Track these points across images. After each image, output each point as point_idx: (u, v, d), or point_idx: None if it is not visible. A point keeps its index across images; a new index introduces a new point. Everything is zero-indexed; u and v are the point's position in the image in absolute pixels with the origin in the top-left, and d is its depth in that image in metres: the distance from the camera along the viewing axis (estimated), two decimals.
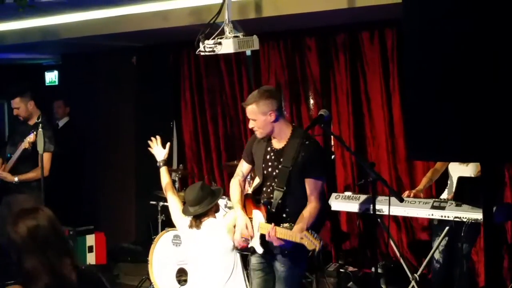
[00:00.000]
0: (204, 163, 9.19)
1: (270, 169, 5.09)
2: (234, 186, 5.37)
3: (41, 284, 3.23)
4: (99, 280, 3.84)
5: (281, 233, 4.75)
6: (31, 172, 7.12)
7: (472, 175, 6.12)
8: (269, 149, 5.09)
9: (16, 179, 7.07)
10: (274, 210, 4.96)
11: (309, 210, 4.83)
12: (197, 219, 5.59)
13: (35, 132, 6.41)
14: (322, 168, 4.94)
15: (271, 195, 5.03)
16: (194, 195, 5.61)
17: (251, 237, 5.08)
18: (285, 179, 4.94)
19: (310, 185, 4.86)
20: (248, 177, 6.43)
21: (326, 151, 5.31)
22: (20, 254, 3.28)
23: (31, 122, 7.38)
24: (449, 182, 6.45)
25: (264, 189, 5.16)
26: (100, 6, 7.25)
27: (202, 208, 5.53)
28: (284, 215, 4.97)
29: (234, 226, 5.29)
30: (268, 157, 5.08)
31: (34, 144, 7.08)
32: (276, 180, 5.02)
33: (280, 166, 4.99)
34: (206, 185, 5.83)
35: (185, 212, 5.72)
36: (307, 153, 4.84)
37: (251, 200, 5.24)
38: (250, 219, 5.11)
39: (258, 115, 4.91)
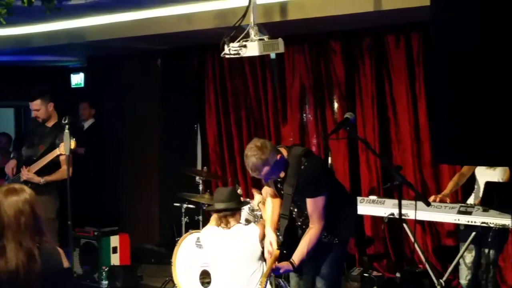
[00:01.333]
0: (228, 166, 9.19)
1: (282, 197, 5.11)
2: (269, 203, 5.42)
3: (10, 255, 3.67)
4: (57, 259, 4.07)
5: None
6: (55, 174, 7.12)
7: (500, 180, 6.06)
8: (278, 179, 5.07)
9: (42, 180, 7.07)
10: (281, 239, 5.01)
11: (309, 236, 4.82)
12: (224, 217, 5.75)
13: (66, 130, 6.35)
14: (318, 186, 4.84)
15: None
16: (224, 195, 5.81)
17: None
18: (288, 207, 4.97)
19: (309, 205, 4.82)
20: None
21: (325, 166, 5.29)
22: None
23: (49, 124, 7.37)
24: (475, 186, 6.40)
25: None
26: (126, 9, 7.27)
27: (229, 205, 5.73)
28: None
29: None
30: (278, 186, 5.09)
31: (53, 146, 7.09)
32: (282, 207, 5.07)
33: (284, 194, 5.00)
34: (236, 191, 6.02)
35: (211, 207, 5.91)
36: (303, 177, 4.80)
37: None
38: None
39: (267, 167, 4.80)
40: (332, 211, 4.82)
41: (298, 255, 4.78)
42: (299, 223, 4.98)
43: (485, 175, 6.21)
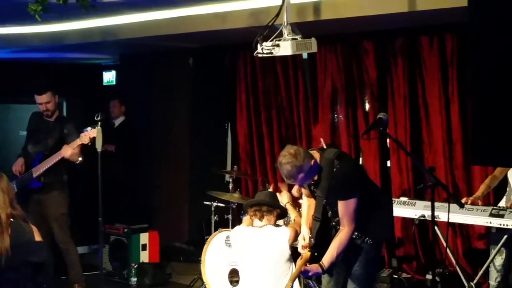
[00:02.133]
0: (258, 165, 9.22)
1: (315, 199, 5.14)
2: (305, 202, 5.45)
3: None
4: (28, 233, 4.93)
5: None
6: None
7: None
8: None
9: (80, 159, 7.07)
10: (313, 241, 5.00)
11: (338, 238, 4.83)
12: (259, 211, 5.87)
13: (95, 127, 6.40)
14: (350, 189, 4.83)
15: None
16: (265, 195, 6.08)
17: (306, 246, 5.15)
18: (320, 209, 4.98)
19: (340, 208, 4.82)
20: None
21: (357, 169, 5.27)
22: None
23: (52, 118, 7.38)
24: (507, 189, 6.37)
25: None
26: (160, 7, 7.32)
27: (268, 201, 5.91)
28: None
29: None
30: (312, 188, 5.10)
31: (62, 138, 7.15)
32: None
33: (317, 197, 5.01)
34: (276, 196, 6.17)
35: (250, 201, 6.07)
36: (335, 180, 4.80)
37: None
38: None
39: (302, 174, 4.81)
40: (366, 212, 4.82)
41: (328, 258, 4.79)
42: (334, 223, 4.99)
43: None
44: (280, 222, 6.54)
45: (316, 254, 4.90)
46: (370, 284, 5.26)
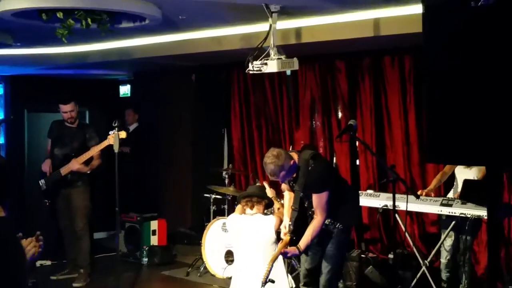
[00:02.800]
0: (249, 163, 9.21)
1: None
2: (287, 196, 5.46)
3: None
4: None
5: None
6: (92, 164, 7.16)
7: (475, 178, 6.08)
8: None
9: (88, 169, 7.09)
10: (292, 227, 5.01)
11: (312, 225, 4.83)
12: (250, 201, 5.83)
13: (115, 132, 6.36)
14: (322, 184, 4.83)
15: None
16: (255, 188, 6.08)
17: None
18: (298, 201, 4.98)
19: (314, 200, 4.82)
20: None
21: (329, 167, 5.29)
22: None
23: (74, 124, 7.33)
24: (455, 183, 6.42)
25: None
26: (167, 32, 7.31)
27: (257, 193, 5.86)
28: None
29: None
30: (291, 184, 5.11)
31: (85, 141, 7.13)
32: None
33: (295, 191, 5.02)
34: (264, 188, 6.12)
35: (243, 193, 6.03)
36: (310, 177, 4.80)
37: None
38: None
39: (283, 172, 4.83)
40: (337, 203, 4.83)
41: (304, 241, 4.79)
42: (310, 213, 5.01)
43: (463, 173, 6.24)
44: (268, 211, 6.57)
45: (294, 238, 4.89)
46: (341, 262, 5.26)
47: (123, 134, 6.52)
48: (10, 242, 1.10)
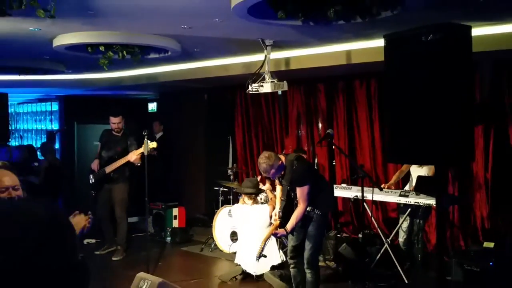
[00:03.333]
0: (249, 163, 9.21)
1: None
2: (278, 189, 5.45)
3: None
4: None
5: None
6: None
7: (427, 174, 6.08)
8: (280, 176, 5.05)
9: (139, 162, 6.89)
10: (281, 214, 5.01)
11: (297, 212, 4.79)
12: (250, 196, 6.09)
13: (145, 139, 6.24)
14: (304, 179, 4.77)
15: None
16: (252, 184, 6.16)
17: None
18: (285, 193, 4.97)
19: (298, 192, 4.78)
20: None
21: (310, 166, 5.29)
22: None
23: (120, 134, 7.26)
24: (410, 179, 6.41)
25: None
26: (185, 61, 7.33)
27: (254, 191, 6.06)
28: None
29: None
30: (280, 180, 5.09)
31: (127, 146, 7.03)
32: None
33: (283, 185, 5.01)
34: (258, 183, 6.25)
35: (244, 190, 6.13)
36: (295, 173, 4.78)
37: None
38: None
39: (273, 170, 4.81)
40: (316, 194, 4.82)
41: (290, 224, 4.76)
42: (295, 202, 5.00)
43: (416, 171, 6.24)
44: (263, 201, 6.57)
45: (282, 222, 4.88)
46: (320, 241, 5.23)
47: (153, 144, 6.49)
48: (64, 223, 1.10)
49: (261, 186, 6.76)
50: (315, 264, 4.95)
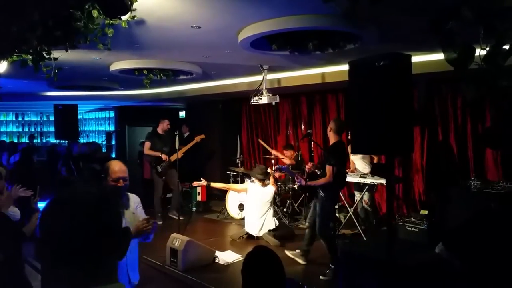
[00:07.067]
0: (252, 155, 9.18)
1: None
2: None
3: None
4: None
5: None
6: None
7: (364, 163, 6.09)
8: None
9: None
10: (307, 180, 4.69)
11: (320, 180, 4.55)
12: (262, 181, 5.88)
13: (176, 138, 6.10)
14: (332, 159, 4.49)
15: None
16: (260, 168, 5.97)
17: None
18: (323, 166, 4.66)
19: (327, 169, 4.53)
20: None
21: (343, 149, 5.07)
22: None
23: (165, 134, 7.19)
24: (366, 166, 6.36)
25: None
26: (206, 81, 7.33)
27: (264, 177, 5.89)
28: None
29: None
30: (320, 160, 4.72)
31: (173, 144, 6.75)
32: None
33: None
34: (266, 169, 6.06)
35: (256, 176, 5.93)
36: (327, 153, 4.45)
37: None
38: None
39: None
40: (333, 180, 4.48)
41: (312, 182, 4.54)
42: (319, 173, 4.69)
43: (356, 159, 6.23)
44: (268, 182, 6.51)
45: (307, 180, 4.63)
46: (326, 216, 4.63)
47: (202, 136, 6.68)
48: (109, 198, 1.18)
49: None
50: (323, 234, 4.58)
